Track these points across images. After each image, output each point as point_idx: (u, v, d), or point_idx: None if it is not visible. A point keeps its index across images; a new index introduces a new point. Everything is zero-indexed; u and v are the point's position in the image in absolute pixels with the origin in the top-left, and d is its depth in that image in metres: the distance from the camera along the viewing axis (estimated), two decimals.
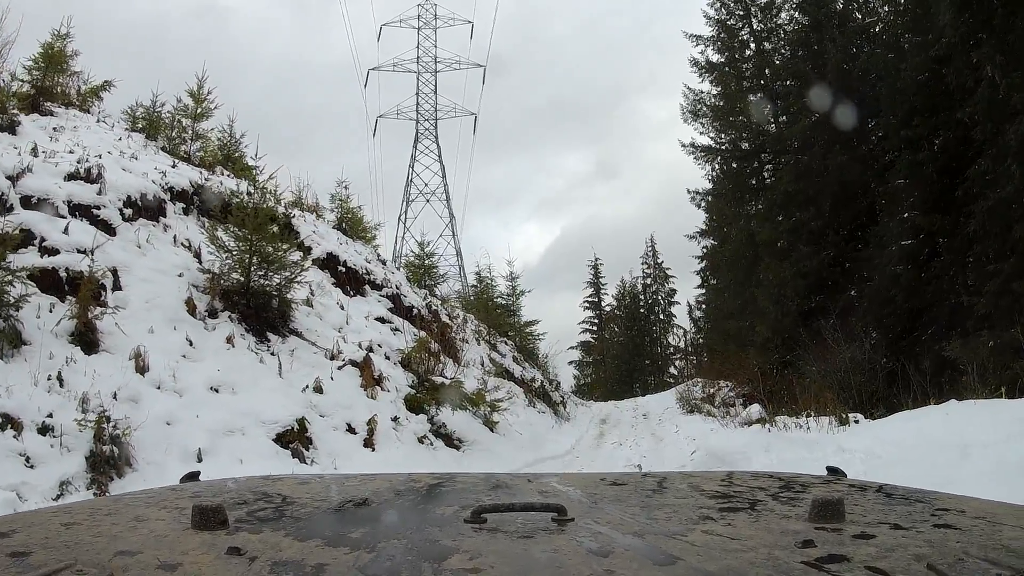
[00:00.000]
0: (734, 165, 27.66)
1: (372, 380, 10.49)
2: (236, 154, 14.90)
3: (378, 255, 17.42)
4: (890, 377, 15.07)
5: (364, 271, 14.02)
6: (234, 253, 9.64)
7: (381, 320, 12.87)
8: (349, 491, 1.37)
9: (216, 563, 0.87)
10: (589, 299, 51.32)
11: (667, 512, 1.15)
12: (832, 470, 1.56)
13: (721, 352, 25.38)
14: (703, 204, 31.25)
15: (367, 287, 13.62)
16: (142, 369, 7.96)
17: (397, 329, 12.95)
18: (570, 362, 49.60)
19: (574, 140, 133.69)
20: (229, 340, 9.35)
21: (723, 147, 28.39)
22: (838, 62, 20.89)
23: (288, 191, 15.57)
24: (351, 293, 13.03)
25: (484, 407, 12.42)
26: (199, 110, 13.59)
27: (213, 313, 9.62)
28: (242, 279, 9.80)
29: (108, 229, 9.59)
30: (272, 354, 9.71)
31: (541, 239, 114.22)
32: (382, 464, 8.75)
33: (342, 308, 12.25)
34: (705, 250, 35.15)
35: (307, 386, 9.42)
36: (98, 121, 13.69)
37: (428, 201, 52.05)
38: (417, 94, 52.39)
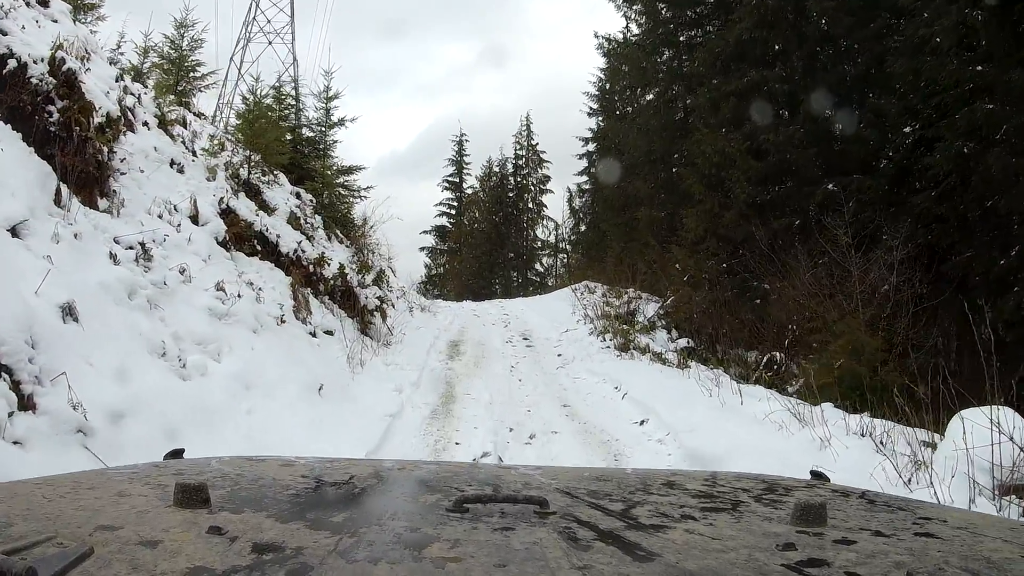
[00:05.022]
0: (663, 12, 21.09)
1: None
2: None
3: None
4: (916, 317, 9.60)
5: None
6: None
7: None
8: (333, 475, 1.35)
9: (197, 541, 0.86)
10: (450, 179, 44.06)
11: (649, 509, 1.13)
12: (816, 474, 1.50)
13: (622, 248, 19.54)
14: (611, 56, 24.79)
15: None
16: None
17: None
18: (422, 248, 42.89)
19: (459, 30, 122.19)
20: None
21: None
22: None
23: None
24: None
25: None
26: None
27: None
28: None
29: None
30: None
31: (414, 126, 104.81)
32: None
33: None
34: (594, 130, 29.07)
35: None
36: None
37: (271, 43, 42.57)
38: None
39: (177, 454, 1.52)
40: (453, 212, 43.97)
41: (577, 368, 11.56)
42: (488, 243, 38.67)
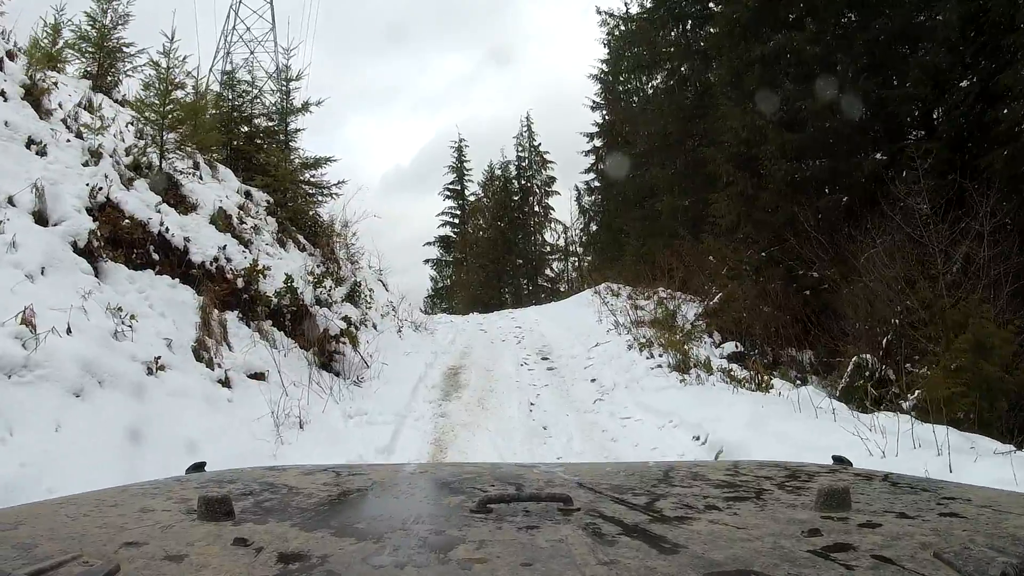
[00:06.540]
0: None
1: None
2: None
3: None
4: None
5: None
6: None
7: None
8: (355, 481, 1.35)
9: (222, 554, 0.85)
10: (451, 186, 42.41)
11: (672, 502, 1.11)
12: (838, 459, 1.47)
13: (641, 244, 17.83)
14: (614, 39, 23.18)
15: None
16: None
17: None
18: (426, 260, 41.26)
19: (457, 40, 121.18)
20: None
21: None
22: None
23: None
24: None
25: None
26: None
27: None
28: None
29: None
30: None
31: (416, 141, 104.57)
32: None
33: None
34: (599, 123, 27.41)
35: None
36: None
37: (252, 52, 41.03)
38: None
39: (199, 467, 1.50)
40: (456, 221, 42.35)
41: (623, 401, 8.46)
42: (494, 251, 36.94)
